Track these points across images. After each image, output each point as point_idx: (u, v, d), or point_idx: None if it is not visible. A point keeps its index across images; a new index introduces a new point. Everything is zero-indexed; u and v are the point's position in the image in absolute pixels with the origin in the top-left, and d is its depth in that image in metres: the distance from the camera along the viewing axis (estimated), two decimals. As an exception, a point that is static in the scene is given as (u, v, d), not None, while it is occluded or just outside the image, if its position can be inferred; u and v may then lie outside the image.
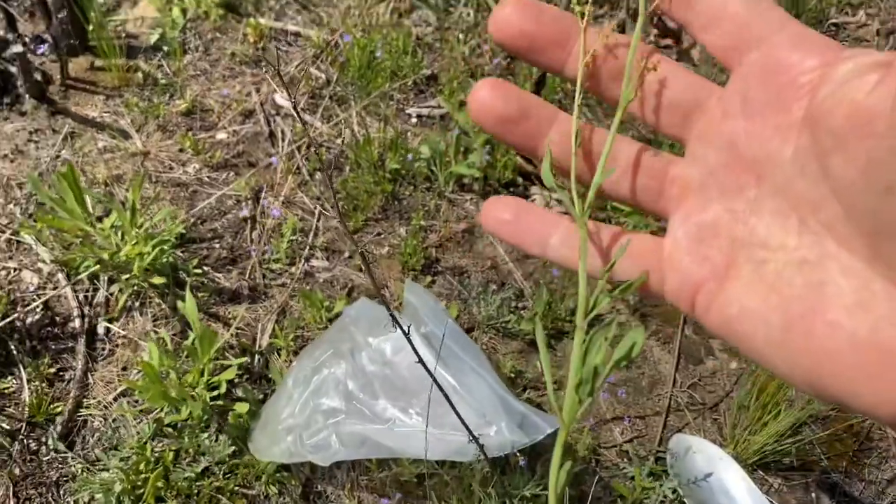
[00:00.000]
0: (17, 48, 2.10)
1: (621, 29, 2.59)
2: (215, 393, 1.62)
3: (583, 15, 0.38)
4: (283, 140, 2.21)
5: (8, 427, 1.61)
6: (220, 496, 1.56)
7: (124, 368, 1.73)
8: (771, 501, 1.63)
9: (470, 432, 1.17)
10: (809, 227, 0.32)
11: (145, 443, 1.58)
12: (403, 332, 0.83)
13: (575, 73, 0.38)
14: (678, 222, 0.37)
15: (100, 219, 1.89)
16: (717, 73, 2.43)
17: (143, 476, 1.54)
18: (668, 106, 0.38)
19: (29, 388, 1.66)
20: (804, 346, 0.30)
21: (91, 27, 2.28)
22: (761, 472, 1.70)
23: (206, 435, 1.59)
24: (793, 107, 0.33)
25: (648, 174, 0.39)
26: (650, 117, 0.38)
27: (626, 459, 1.68)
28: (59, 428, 1.61)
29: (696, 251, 0.36)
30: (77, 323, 1.76)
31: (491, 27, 0.37)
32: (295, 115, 2.27)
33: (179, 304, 1.69)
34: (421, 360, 0.95)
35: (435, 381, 1.15)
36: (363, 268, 0.56)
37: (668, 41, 2.59)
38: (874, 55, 0.29)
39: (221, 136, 2.20)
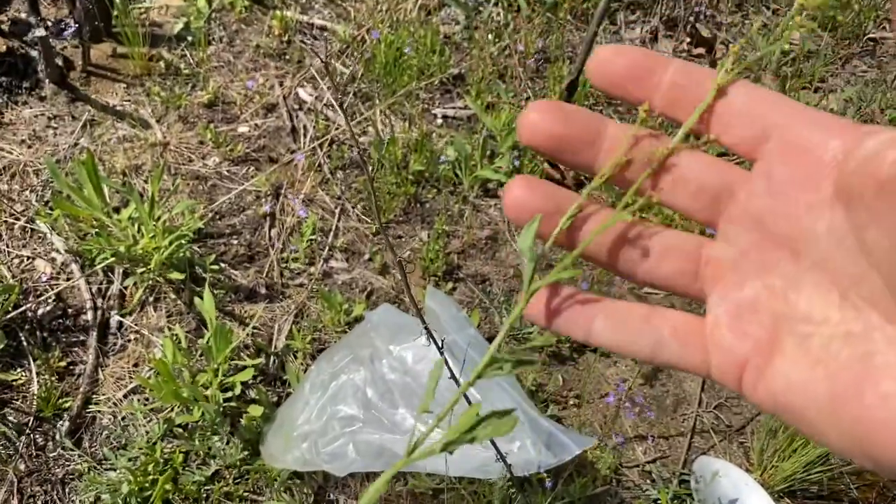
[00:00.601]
0: (40, 32, 2.05)
1: (653, 36, 2.53)
2: (229, 394, 1.57)
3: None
4: (304, 136, 2.16)
5: (15, 420, 1.57)
6: (229, 502, 1.52)
7: (136, 365, 1.69)
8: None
9: (497, 450, 1.12)
10: (851, 301, 0.33)
11: (155, 443, 1.54)
12: (437, 346, 0.78)
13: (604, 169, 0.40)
14: (716, 301, 0.38)
15: (117, 209, 1.85)
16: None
17: (151, 477, 1.50)
18: (696, 192, 0.39)
19: (38, 382, 1.62)
20: (855, 417, 0.31)
21: (115, 13, 2.24)
22: (788, 501, 1.64)
23: (217, 437, 1.54)
24: (822, 184, 0.34)
25: (684, 258, 0.40)
26: (679, 203, 0.40)
27: (648, 480, 1.63)
28: (66, 424, 1.57)
29: (737, 328, 0.37)
30: (90, 316, 1.72)
31: (519, 130, 0.39)
32: (324, 108, 2.22)
33: (196, 300, 1.65)
34: (453, 376, 0.90)
35: (465, 395, 1.10)
36: (401, 279, 0.51)
37: (701, 50, 2.53)
38: (894, 132, 0.31)
39: (243, 129, 2.15)
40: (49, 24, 2.29)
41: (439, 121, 2.26)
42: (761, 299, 0.37)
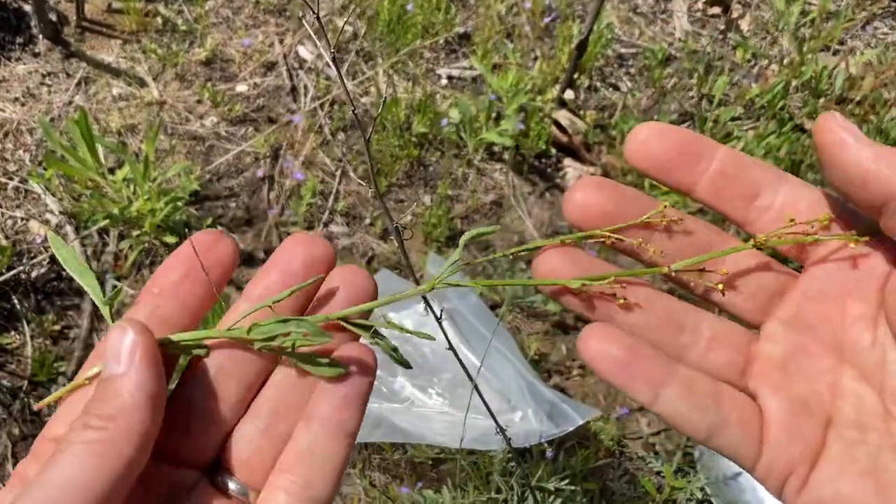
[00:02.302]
0: (31, -15, 1.99)
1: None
2: (225, 361, 1.54)
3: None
4: (305, 96, 2.10)
5: (9, 384, 1.54)
6: (226, 468, 1.50)
7: (131, 329, 1.66)
8: None
9: (496, 422, 1.09)
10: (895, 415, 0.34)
11: (150, 409, 1.51)
12: (435, 316, 0.74)
13: (653, 253, 0.40)
14: (769, 395, 0.38)
15: (111, 170, 1.80)
16: (767, 45, 2.30)
17: (146, 443, 1.47)
18: (755, 292, 0.40)
19: (32, 345, 1.59)
20: None
21: (109, -34, 2.17)
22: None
23: (214, 404, 1.52)
24: (871, 295, 0.36)
25: (734, 349, 0.40)
26: (736, 303, 0.40)
27: (652, 453, 1.60)
28: (61, 388, 1.54)
29: (791, 427, 0.37)
30: (84, 279, 1.69)
31: (568, 207, 0.39)
32: (325, 66, 2.16)
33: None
34: (451, 347, 0.86)
35: (462, 364, 1.06)
36: (399, 247, 0.48)
37: (717, 10, 2.45)
38: None
39: (241, 88, 2.09)
40: (42, -23, 2.22)
41: (444, 81, 2.19)
42: (812, 402, 0.37)
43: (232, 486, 0.39)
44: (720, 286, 0.39)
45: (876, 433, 0.35)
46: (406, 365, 0.44)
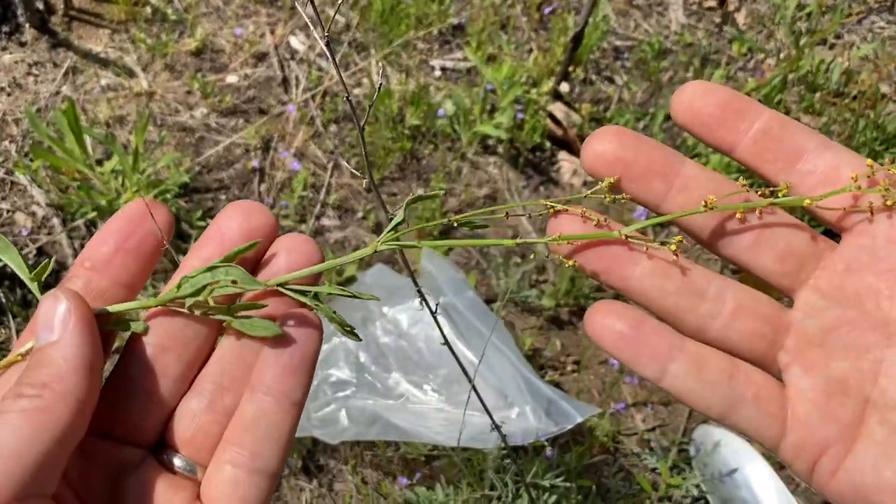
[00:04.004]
0: (17, -28, 1.95)
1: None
2: (215, 356, 1.52)
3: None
4: (297, 87, 2.07)
5: (-6, 379, 1.51)
6: (216, 465, 1.48)
7: (120, 323, 1.63)
8: (799, 501, 1.54)
9: (492, 419, 1.07)
10: None
11: (139, 405, 1.49)
12: (430, 310, 0.72)
13: (675, 208, 0.38)
14: (799, 375, 0.36)
15: (99, 162, 1.77)
16: (763, 39, 2.28)
17: (135, 440, 1.45)
18: (784, 255, 0.37)
19: (18, 338, 1.56)
20: None
21: (97, -46, 2.13)
22: (789, 471, 1.60)
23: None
24: None
25: (761, 319, 0.37)
26: (761, 265, 0.38)
27: (647, 449, 1.59)
28: None
29: (825, 407, 0.35)
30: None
31: (587, 157, 0.38)
32: (317, 57, 2.13)
33: (180, 257, 1.58)
34: (447, 342, 0.84)
35: (458, 360, 1.04)
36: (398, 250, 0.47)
37: (713, 2, 2.43)
38: None
39: (232, 79, 2.06)
40: (29, -36, 2.18)
41: (437, 73, 2.17)
42: (852, 381, 0.35)
43: (178, 462, 0.39)
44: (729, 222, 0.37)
45: None
46: (355, 337, 0.42)
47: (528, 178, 1.99)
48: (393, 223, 0.40)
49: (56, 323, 0.34)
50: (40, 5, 2.06)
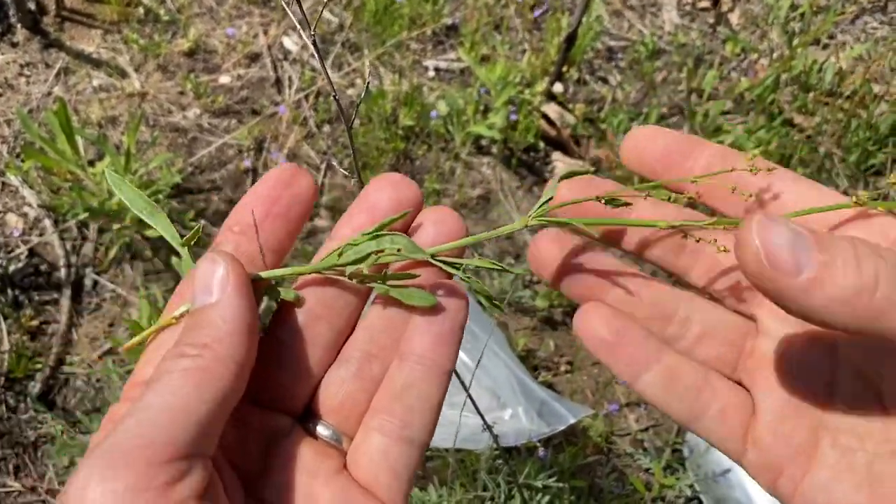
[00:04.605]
0: (9, -27, 1.94)
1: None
2: (207, 357, 1.51)
3: None
4: (289, 87, 2.07)
5: (-15, 381, 1.51)
6: (208, 467, 1.47)
7: (111, 325, 1.62)
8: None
9: (484, 420, 1.07)
10: (894, 416, 0.33)
11: (130, 406, 1.48)
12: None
13: (631, 246, 0.40)
14: (761, 395, 0.37)
15: (91, 162, 1.76)
16: (756, 39, 2.28)
17: (126, 442, 1.44)
18: (738, 285, 0.38)
19: (9, 341, 1.55)
20: None
21: (90, -46, 2.12)
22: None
23: (195, 401, 1.49)
24: None
25: (725, 344, 0.39)
26: (719, 292, 0.39)
27: (640, 450, 1.58)
28: (39, 385, 1.51)
29: (779, 429, 0.36)
30: (63, 273, 1.65)
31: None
32: (310, 58, 2.12)
33: (174, 259, 1.58)
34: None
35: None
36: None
37: (706, 3, 2.43)
38: None
39: (225, 79, 2.06)
40: (21, -35, 2.17)
41: (431, 73, 2.16)
42: (806, 403, 0.36)
43: (324, 431, 0.39)
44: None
45: (873, 440, 0.35)
46: (499, 308, 0.42)
47: (522, 179, 1.99)
48: (543, 198, 0.39)
49: (214, 285, 0.34)
50: (32, 6, 2.05)
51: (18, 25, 2.03)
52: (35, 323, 1.59)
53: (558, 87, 2.10)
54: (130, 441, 0.30)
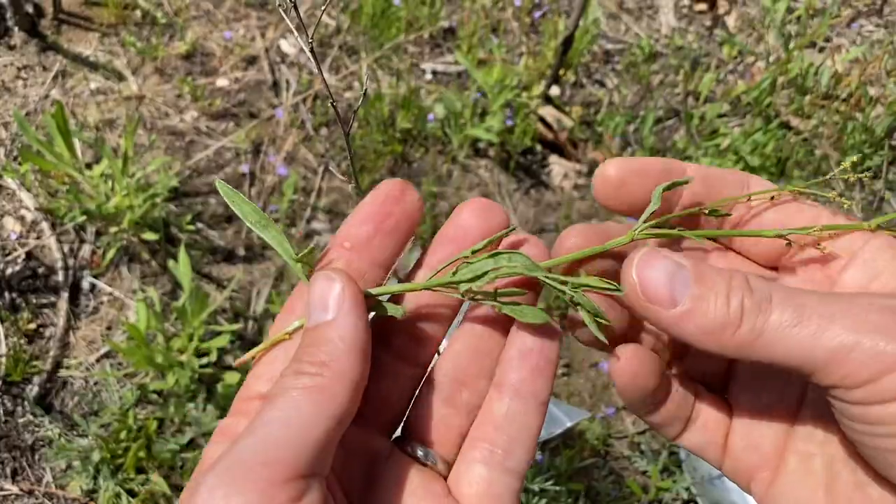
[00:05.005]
0: (6, -24, 1.94)
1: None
2: (205, 360, 1.51)
3: None
4: (287, 90, 2.07)
5: (-18, 385, 1.50)
6: (205, 470, 1.47)
7: (109, 328, 1.62)
8: None
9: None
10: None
11: (128, 410, 1.48)
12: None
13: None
14: (738, 405, 0.40)
15: (89, 165, 1.76)
16: (753, 42, 2.29)
17: (123, 445, 1.44)
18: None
19: (6, 344, 1.55)
20: None
21: (87, -43, 2.12)
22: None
23: (192, 404, 1.49)
24: None
25: (716, 360, 0.42)
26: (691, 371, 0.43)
27: (637, 452, 1.59)
28: (36, 388, 1.51)
29: (748, 437, 0.39)
30: (60, 276, 1.65)
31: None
32: (307, 61, 2.13)
33: (170, 262, 1.58)
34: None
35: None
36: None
37: (703, 6, 2.44)
38: None
39: (222, 82, 2.06)
40: (18, -33, 2.17)
41: (428, 76, 2.17)
42: (776, 412, 0.39)
43: (420, 453, 0.39)
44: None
45: (834, 444, 0.37)
46: (607, 321, 0.40)
47: (519, 181, 1.99)
48: (648, 211, 0.39)
49: (331, 303, 0.34)
50: (30, 9, 2.05)
51: (16, 28, 2.03)
52: (32, 326, 1.59)
53: (555, 91, 2.10)
54: (253, 458, 0.30)
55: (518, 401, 0.38)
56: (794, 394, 0.39)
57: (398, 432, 0.41)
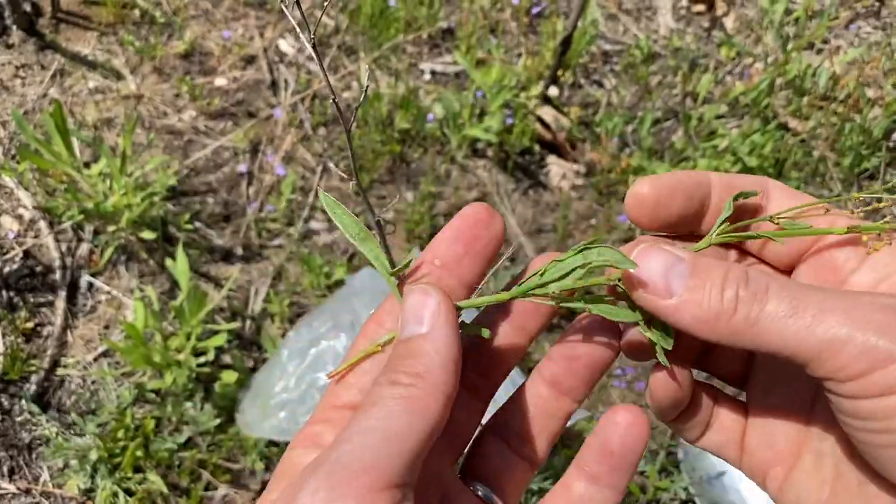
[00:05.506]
0: (5, -26, 1.94)
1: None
2: (202, 359, 1.51)
3: None
4: (285, 90, 2.07)
5: (-21, 383, 1.50)
6: (202, 469, 1.47)
7: (106, 327, 1.62)
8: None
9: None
10: None
11: (125, 409, 1.48)
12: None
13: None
14: (754, 403, 0.42)
15: (87, 164, 1.76)
16: (751, 44, 2.29)
17: (121, 444, 1.44)
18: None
19: (4, 343, 1.55)
20: None
21: (86, -44, 2.12)
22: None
23: (190, 403, 1.49)
24: None
25: (737, 359, 0.43)
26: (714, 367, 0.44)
27: (635, 452, 1.59)
28: (33, 387, 1.51)
29: (763, 433, 0.40)
30: (58, 275, 1.65)
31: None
32: (307, 60, 2.12)
33: (168, 261, 1.58)
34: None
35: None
36: (381, 242, 0.47)
37: (701, 7, 2.44)
38: None
39: (220, 82, 2.06)
40: (16, -34, 2.17)
41: (427, 76, 2.17)
42: (791, 409, 0.40)
43: (480, 492, 0.40)
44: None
45: (842, 443, 0.37)
46: (670, 336, 0.40)
47: (518, 182, 1.99)
48: (721, 218, 0.39)
49: (427, 316, 0.35)
50: (28, 7, 2.05)
51: (14, 27, 2.03)
52: (30, 325, 1.59)
53: (553, 91, 2.10)
54: (353, 464, 0.30)
55: (594, 488, 0.39)
56: (808, 393, 0.39)
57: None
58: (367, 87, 0.59)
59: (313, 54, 0.50)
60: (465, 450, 0.41)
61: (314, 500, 0.29)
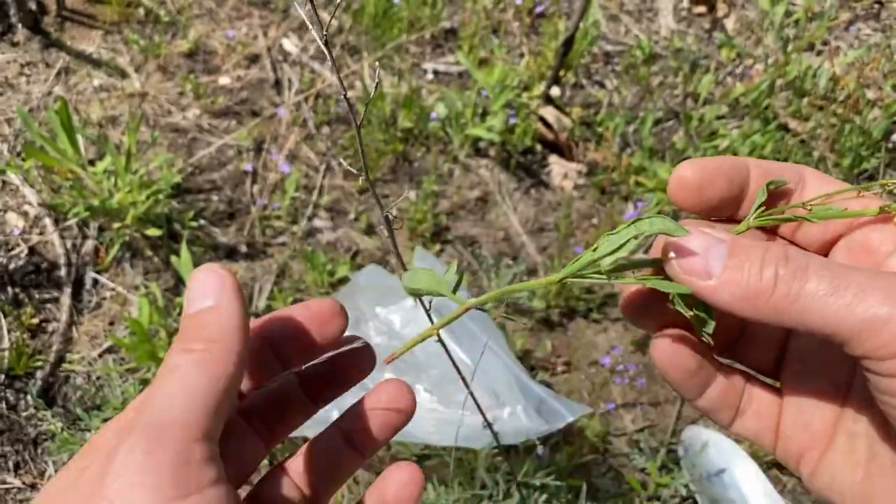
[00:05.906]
0: (10, -27, 1.95)
1: None
2: (207, 355, 1.52)
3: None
4: (289, 89, 2.08)
5: (-15, 379, 1.51)
6: (207, 465, 1.48)
7: (111, 323, 1.63)
8: (786, 501, 1.56)
9: (485, 418, 1.08)
10: None
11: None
12: (425, 308, 0.73)
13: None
14: (789, 388, 0.42)
15: (92, 162, 1.77)
16: (751, 45, 2.30)
17: (126, 439, 1.45)
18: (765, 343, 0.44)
19: (9, 339, 1.56)
20: None
21: (90, -45, 2.13)
22: (776, 471, 1.62)
23: (195, 399, 1.49)
24: None
25: (770, 345, 0.43)
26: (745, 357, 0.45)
27: (636, 449, 1.60)
28: (39, 383, 1.52)
29: (798, 417, 0.41)
30: (63, 272, 1.66)
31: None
32: (310, 59, 2.14)
33: (173, 258, 1.59)
34: (441, 341, 0.84)
35: (453, 361, 1.05)
36: (388, 236, 0.48)
37: (702, 8, 2.46)
38: None
39: (224, 80, 2.07)
40: (21, -35, 2.18)
41: (430, 76, 2.18)
42: (826, 393, 0.40)
43: None
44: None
45: (877, 424, 0.38)
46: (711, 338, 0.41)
47: (520, 181, 2.00)
48: (756, 203, 0.41)
49: (214, 291, 0.38)
50: (33, 6, 2.06)
51: (19, 25, 2.04)
52: (35, 321, 1.60)
53: (555, 91, 2.11)
54: (166, 421, 0.33)
55: None
56: (843, 377, 0.40)
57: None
58: (378, 83, 0.60)
59: (325, 51, 0.51)
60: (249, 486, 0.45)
61: (132, 455, 0.32)
